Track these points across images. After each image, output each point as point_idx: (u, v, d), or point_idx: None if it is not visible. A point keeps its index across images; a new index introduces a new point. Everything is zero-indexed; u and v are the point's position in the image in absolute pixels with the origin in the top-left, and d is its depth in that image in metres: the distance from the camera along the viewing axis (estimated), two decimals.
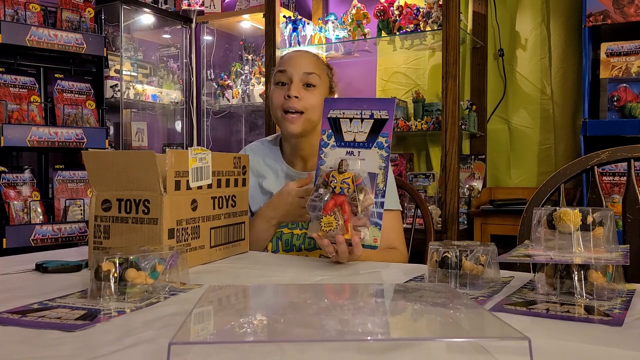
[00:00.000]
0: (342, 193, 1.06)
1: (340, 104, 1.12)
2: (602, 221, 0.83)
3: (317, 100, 1.41)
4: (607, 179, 2.38)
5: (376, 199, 1.07)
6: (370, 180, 1.07)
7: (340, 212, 1.06)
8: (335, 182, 1.06)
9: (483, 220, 2.63)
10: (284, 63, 1.44)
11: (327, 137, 1.12)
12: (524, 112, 2.84)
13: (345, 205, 1.06)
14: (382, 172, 1.08)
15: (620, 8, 2.26)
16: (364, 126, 1.09)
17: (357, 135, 1.10)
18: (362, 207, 1.06)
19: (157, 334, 0.64)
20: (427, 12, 2.76)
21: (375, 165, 1.08)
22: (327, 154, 1.12)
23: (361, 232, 1.07)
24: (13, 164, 2.97)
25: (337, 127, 1.12)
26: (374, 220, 1.07)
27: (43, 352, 0.58)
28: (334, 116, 1.12)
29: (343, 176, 1.06)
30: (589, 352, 0.58)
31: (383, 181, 1.07)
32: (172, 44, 3.82)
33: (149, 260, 0.83)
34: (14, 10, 2.79)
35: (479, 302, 0.78)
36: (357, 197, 1.05)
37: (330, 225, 1.06)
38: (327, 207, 1.06)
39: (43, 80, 2.98)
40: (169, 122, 3.90)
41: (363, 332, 0.61)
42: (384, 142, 1.08)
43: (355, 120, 1.10)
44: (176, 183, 1.05)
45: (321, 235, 1.07)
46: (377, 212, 1.07)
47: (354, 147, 1.10)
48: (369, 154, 1.08)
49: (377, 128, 1.08)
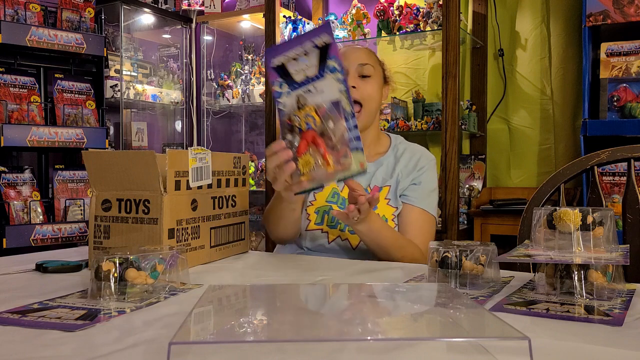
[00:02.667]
0: (310, 127, 1.00)
1: (281, 50, 1.05)
2: (602, 221, 0.83)
3: (373, 89, 1.42)
4: (607, 179, 2.38)
5: (348, 124, 1.01)
6: (336, 108, 1.01)
7: (315, 147, 1.00)
8: (299, 119, 1.01)
9: (483, 220, 2.63)
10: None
11: (279, 86, 1.05)
12: (524, 112, 2.84)
13: (317, 139, 1.00)
14: (345, 95, 1.01)
15: (620, 8, 2.26)
16: (310, 59, 1.03)
17: (307, 71, 1.03)
18: (336, 136, 1.00)
19: (157, 333, 0.64)
20: (427, 12, 2.76)
21: (335, 90, 1.02)
22: (285, 103, 1.05)
23: (345, 163, 1.00)
24: (13, 164, 2.97)
25: (286, 72, 1.04)
26: (353, 145, 1.00)
27: (43, 352, 0.58)
28: (279, 63, 1.04)
29: (304, 111, 1.01)
30: (589, 352, 0.58)
31: (348, 104, 1.01)
32: (172, 44, 3.82)
33: (149, 260, 0.83)
34: (14, 10, 2.79)
35: (479, 302, 0.78)
36: (326, 126, 1.00)
37: (309, 164, 1.00)
38: (300, 148, 1.00)
39: (43, 80, 2.98)
40: (169, 122, 3.90)
41: (363, 332, 0.61)
42: (335, 65, 1.02)
43: (300, 57, 1.03)
44: (176, 183, 1.05)
45: (306, 180, 1.01)
46: (354, 136, 1.00)
47: (308, 83, 1.03)
48: (325, 83, 1.02)
49: (323, 55, 1.02)
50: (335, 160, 1.00)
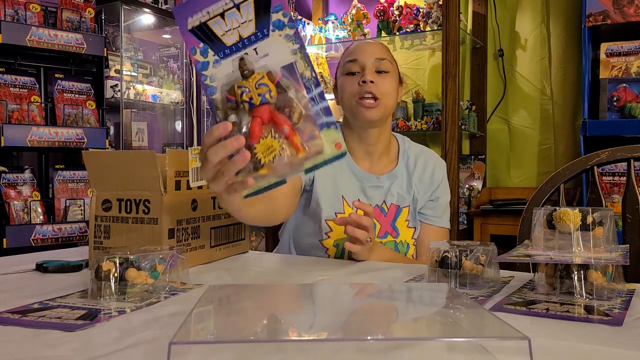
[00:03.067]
0: (265, 101, 0.75)
1: (197, 4, 0.78)
2: (601, 221, 0.83)
3: (391, 86, 1.34)
4: (607, 179, 2.38)
5: (310, 94, 0.77)
6: (291, 74, 0.77)
7: (275, 127, 0.75)
8: (248, 92, 0.75)
9: (483, 220, 2.63)
10: (353, 52, 1.36)
11: (201, 53, 0.78)
12: (524, 112, 2.84)
13: (276, 115, 0.75)
14: (300, 56, 0.77)
15: (620, 8, 2.26)
16: (244, 13, 0.77)
17: (241, 30, 0.77)
18: (298, 111, 0.76)
19: (157, 333, 0.64)
20: (427, 12, 2.76)
21: (286, 52, 0.77)
22: (214, 76, 0.78)
23: (313, 146, 0.76)
24: (13, 164, 2.97)
25: (209, 34, 0.78)
26: (323, 121, 0.77)
27: (43, 351, 0.58)
28: (197, 23, 0.78)
29: (253, 80, 0.75)
30: (588, 352, 0.58)
31: (308, 67, 0.78)
32: (172, 44, 3.82)
33: (149, 260, 0.83)
34: (14, 10, 2.79)
35: (479, 301, 0.78)
36: (286, 98, 0.76)
37: (273, 150, 0.75)
38: (254, 129, 0.75)
39: (43, 80, 2.98)
40: (169, 122, 3.90)
41: (363, 332, 0.61)
42: (281, 17, 0.77)
43: (229, 12, 0.77)
44: (176, 183, 1.05)
45: (265, 173, 0.76)
46: (321, 108, 0.77)
47: (245, 47, 0.77)
48: (270, 43, 0.77)
49: (263, 5, 0.77)
50: (302, 142, 0.76)
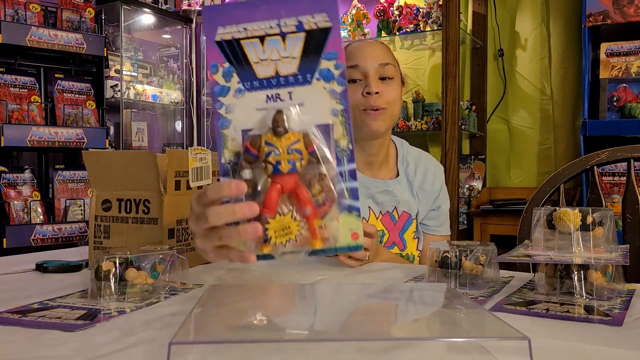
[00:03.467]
0: (293, 171, 0.63)
1: (234, 14, 0.64)
2: (601, 221, 0.83)
3: (397, 93, 1.25)
4: (607, 179, 2.38)
5: (340, 168, 0.65)
6: (325, 139, 0.65)
7: (297, 204, 0.63)
8: (277, 154, 0.62)
9: (483, 220, 2.63)
10: (353, 57, 1.24)
11: (224, 75, 0.65)
12: (524, 112, 2.84)
13: (300, 190, 0.63)
14: (341, 120, 0.65)
15: (620, 8, 2.26)
16: (289, 46, 0.64)
17: (280, 65, 0.65)
18: (322, 184, 0.64)
19: (157, 333, 0.64)
20: (427, 12, 2.76)
21: (326, 110, 0.65)
22: (232, 107, 0.66)
23: (327, 228, 0.64)
24: (13, 163, 2.97)
25: (241, 57, 0.65)
26: (345, 203, 0.65)
27: (43, 352, 0.58)
28: (229, 37, 0.64)
29: (286, 141, 0.62)
30: (588, 352, 0.58)
31: (346, 136, 0.65)
32: (172, 44, 3.83)
33: (149, 260, 0.83)
34: (14, 10, 2.79)
35: (479, 302, 0.78)
36: (317, 172, 0.63)
37: (289, 233, 0.63)
38: (271, 198, 0.62)
39: (43, 80, 2.99)
40: (169, 122, 3.90)
41: (363, 332, 0.61)
42: (332, 67, 0.64)
43: (271, 39, 0.64)
44: (176, 183, 1.05)
45: (270, 252, 0.66)
46: (348, 188, 0.65)
47: (279, 87, 0.65)
48: (310, 92, 0.65)
49: (314, 45, 0.64)
50: (320, 226, 0.64)
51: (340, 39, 0.64)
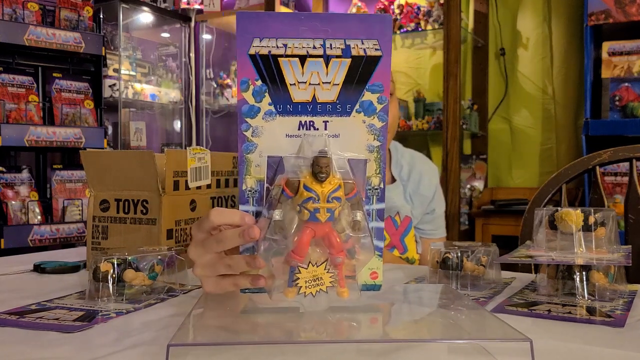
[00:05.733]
0: (330, 220, 0.57)
1: (275, 26, 0.59)
2: (604, 221, 0.82)
3: (395, 108, 1.17)
4: (609, 179, 2.38)
5: (368, 206, 0.62)
6: (360, 175, 0.60)
7: (328, 249, 0.58)
8: (316, 201, 0.56)
9: (484, 221, 2.63)
10: None
11: (254, 94, 0.60)
12: (526, 111, 2.84)
13: (333, 236, 0.58)
14: (376, 157, 0.62)
15: (622, 7, 2.26)
16: (332, 72, 0.59)
17: (319, 91, 0.60)
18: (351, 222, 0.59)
19: (156, 335, 0.64)
20: (428, 11, 2.75)
21: (362, 145, 0.61)
22: (260, 131, 0.61)
23: (349, 266, 0.60)
24: (11, 163, 2.97)
25: (276, 76, 0.60)
26: (367, 244, 0.60)
27: (41, 353, 0.58)
28: (266, 52, 0.59)
29: (327, 187, 0.56)
30: (590, 354, 0.58)
31: (379, 174, 0.62)
32: (171, 43, 3.82)
33: (147, 261, 0.82)
34: (12, 9, 2.78)
35: (480, 303, 0.78)
36: (353, 219, 0.59)
37: (320, 285, 0.58)
38: (303, 244, 0.57)
39: (41, 80, 2.98)
40: (167, 122, 3.89)
41: (363, 333, 0.60)
42: (375, 100, 0.60)
43: (312, 60, 0.59)
44: (175, 183, 1.04)
45: (301, 303, 0.61)
46: (373, 228, 0.63)
47: (315, 114, 0.60)
48: (348, 124, 0.61)
49: (359, 74, 0.59)
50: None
51: (389, 71, 0.60)
